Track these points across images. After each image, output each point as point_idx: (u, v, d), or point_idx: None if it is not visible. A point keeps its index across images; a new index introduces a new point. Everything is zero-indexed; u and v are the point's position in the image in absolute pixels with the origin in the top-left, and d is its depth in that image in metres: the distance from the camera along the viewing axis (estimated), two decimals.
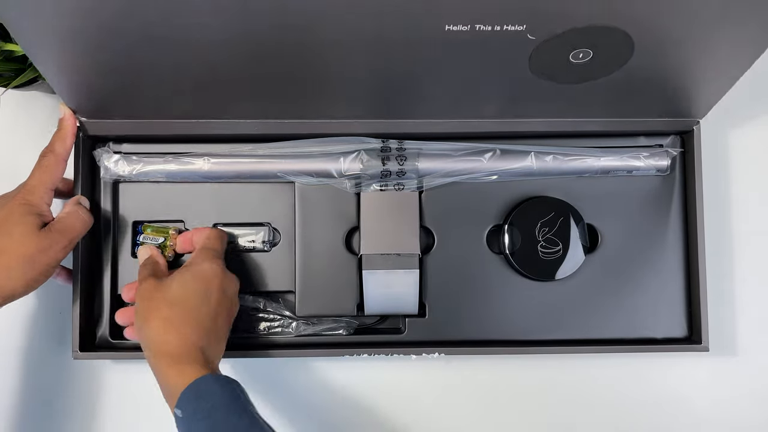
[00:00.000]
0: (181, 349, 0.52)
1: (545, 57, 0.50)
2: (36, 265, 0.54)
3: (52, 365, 0.66)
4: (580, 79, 0.54)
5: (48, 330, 0.67)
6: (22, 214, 0.54)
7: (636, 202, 0.65)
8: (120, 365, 0.67)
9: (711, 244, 0.65)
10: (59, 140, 0.58)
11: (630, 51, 0.50)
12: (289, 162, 0.62)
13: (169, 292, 0.55)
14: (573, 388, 0.68)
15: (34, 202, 0.56)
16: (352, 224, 0.64)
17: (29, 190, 0.56)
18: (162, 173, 0.62)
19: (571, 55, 0.50)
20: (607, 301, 0.65)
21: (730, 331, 0.68)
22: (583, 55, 0.50)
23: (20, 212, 0.55)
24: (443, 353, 0.63)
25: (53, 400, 0.66)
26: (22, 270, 0.53)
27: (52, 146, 0.58)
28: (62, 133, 0.58)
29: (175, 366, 0.51)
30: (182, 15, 0.45)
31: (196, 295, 0.55)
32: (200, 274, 0.56)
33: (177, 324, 0.53)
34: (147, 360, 0.54)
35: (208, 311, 0.54)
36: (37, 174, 0.57)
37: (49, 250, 0.55)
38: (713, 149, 0.68)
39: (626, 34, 0.48)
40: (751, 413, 0.68)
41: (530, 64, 0.51)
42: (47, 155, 0.58)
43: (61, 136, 0.58)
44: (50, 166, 0.57)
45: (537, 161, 0.62)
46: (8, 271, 0.53)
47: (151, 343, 0.53)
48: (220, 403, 0.49)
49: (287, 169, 0.62)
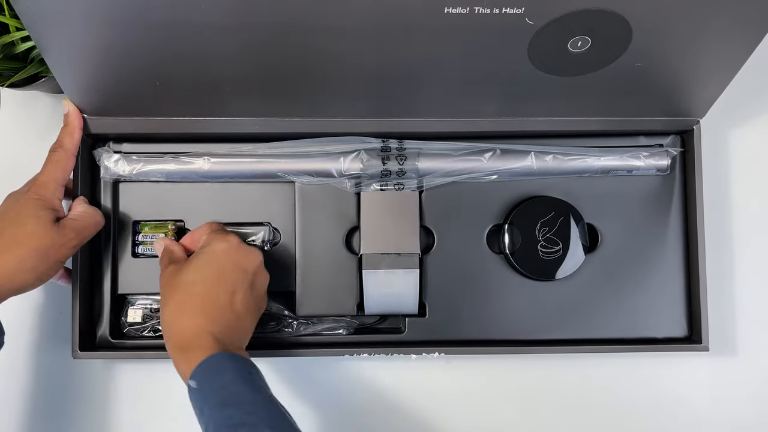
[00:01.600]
0: (191, 333, 0.52)
1: (544, 44, 0.50)
2: (48, 260, 0.54)
3: (52, 365, 0.66)
4: (579, 70, 0.54)
5: (48, 330, 0.67)
6: (36, 208, 0.54)
7: (636, 202, 0.65)
8: (120, 365, 0.67)
9: (711, 244, 0.65)
10: (67, 135, 0.58)
11: (628, 38, 0.50)
12: (288, 162, 0.62)
13: (183, 277, 0.55)
14: (573, 387, 0.68)
15: (47, 197, 0.56)
16: (352, 224, 0.64)
17: (41, 185, 0.56)
18: (162, 173, 0.62)
19: (569, 43, 0.50)
20: (607, 300, 0.65)
21: (731, 331, 0.68)
22: (581, 43, 0.50)
23: (34, 206, 0.55)
24: (443, 353, 0.63)
25: (53, 400, 0.66)
26: (35, 263, 0.53)
27: (61, 142, 0.58)
28: (69, 128, 0.58)
29: (184, 353, 0.51)
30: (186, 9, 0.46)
31: (207, 278, 0.54)
32: (212, 255, 0.56)
33: (189, 309, 0.53)
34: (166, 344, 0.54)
35: (221, 293, 0.54)
36: (49, 170, 0.57)
37: (61, 245, 0.55)
38: (713, 149, 0.68)
39: (624, 19, 0.48)
40: (751, 413, 0.68)
41: (529, 53, 0.51)
42: (57, 150, 0.58)
43: (69, 131, 0.58)
44: (61, 162, 0.57)
45: (537, 161, 0.62)
46: (21, 263, 0.53)
47: (166, 327, 0.54)
48: (233, 378, 0.49)
49: (287, 168, 0.62)
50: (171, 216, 0.64)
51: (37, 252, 0.53)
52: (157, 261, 0.60)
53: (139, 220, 0.64)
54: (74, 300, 0.61)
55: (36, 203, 0.55)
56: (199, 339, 0.52)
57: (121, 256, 0.64)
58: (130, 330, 0.63)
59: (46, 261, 0.54)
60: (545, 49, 0.51)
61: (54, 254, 0.54)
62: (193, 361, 0.50)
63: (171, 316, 0.54)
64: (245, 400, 0.48)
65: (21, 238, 0.53)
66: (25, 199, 0.55)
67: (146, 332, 0.63)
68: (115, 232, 0.64)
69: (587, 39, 0.50)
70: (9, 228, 0.54)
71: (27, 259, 0.53)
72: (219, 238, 0.57)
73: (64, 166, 0.57)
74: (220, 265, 0.55)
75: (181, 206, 0.64)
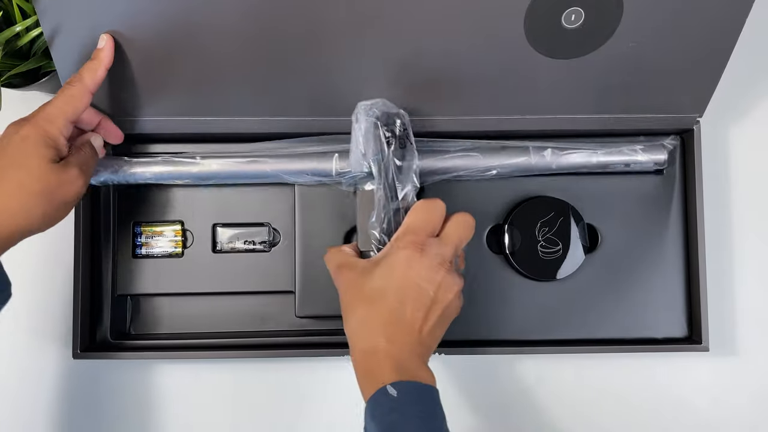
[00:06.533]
0: (371, 355, 0.49)
1: (539, 19, 0.51)
2: (53, 201, 0.51)
3: (53, 365, 0.66)
4: (575, 50, 0.55)
5: (48, 330, 0.67)
6: (37, 145, 0.50)
7: (636, 202, 0.65)
8: (120, 365, 0.67)
9: (711, 244, 0.65)
10: (89, 70, 0.53)
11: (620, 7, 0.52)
12: (284, 162, 0.61)
13: (364, 289, 0.51)
14: (573, 387, 0.68)
15: (51, 134, 0.51)
16: (351, 224, 0.63)
17: (48, 118, 0.51)
18: (152, 176, 0.61)
19: (563, 16, 0.52)
20: (607, 300, 0.65)
21: (731, 331, 0.68)
22: (575, 16, 0.52)
23: (35, 143, 0.50)
24: (443, 353, 0.63)
25: (53, 400, 0.66)
26: (40, 206, 0.50)
27: (81, 76, 0.53)
28: (94, 63, 0.53)
29: (365, 376, 0.49)
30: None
31: (388, 296, 0.50)
32: (398, 269, 0.50)
33: (369, 327, 0.49)
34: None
35: (406, 314, 0.50)
36: (60, 102, 0.52)
37: (67, 185, 0.51)
38: (713, 148, 0.68)
39: None
40: (751, 413, 0.68)
41: (525, 29, 0.52)
42: (74, 84, 0.53)
43: (93, 66, 0.53)
44: (75, 96, 0.52)
45: (535, 156, 0.62)
46: (26, 207, 0.50)
47: (349, 339, 0.51)
48: (406, 416, 0.46)
49: (283, 168, 0.61)
50: (170, 217, 0.64)
51: (41, 194, 0.50)
52: (157, 261, 0.61)
53: (139, 221, 0.64)
54: (74, 300, 0.61)
55: (38, 138, 0.50)
56: (379, 362, 0.48)
57: (121, 257, 0.64)
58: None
59: (51, 203, 0.51)
60: (540, 25, 0.52)
61: (60, 195, 0.51)
62: (368, 387, 0.48)
63: (351, 330, 0.51)
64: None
65: (23, 180, 0.50)
66: (26, 131, 0.50)
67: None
68: (115, 232, 0.64)
69: (580, 11, 0.51)
70: (9, 169, 0.50)
71: (32, 202, 0.50)
72: (409, 245, 0.51)
73: (77, 101, 0.52)
74: (404, 281, 0.50)
75: (181, 207, 0.64)
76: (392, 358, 0.48)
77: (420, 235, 0.52)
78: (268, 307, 0.65)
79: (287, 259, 0.64)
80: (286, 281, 0.64)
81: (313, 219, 0.63)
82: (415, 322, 0.50)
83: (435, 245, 0.52)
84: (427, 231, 0.52)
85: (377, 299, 0.50)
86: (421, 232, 0.52)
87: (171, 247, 0.64)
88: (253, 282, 0.64)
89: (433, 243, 0.52)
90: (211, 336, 0.64)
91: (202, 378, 0.67)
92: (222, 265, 0.64)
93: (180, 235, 0.64)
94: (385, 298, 0.50)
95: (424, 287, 0.50)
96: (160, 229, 0.64)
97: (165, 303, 0.65)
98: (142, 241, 0.64)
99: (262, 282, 0.64)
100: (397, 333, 0.49)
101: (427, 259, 0.51)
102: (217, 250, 0.65)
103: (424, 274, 0.50)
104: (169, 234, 0.64)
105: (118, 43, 0.54)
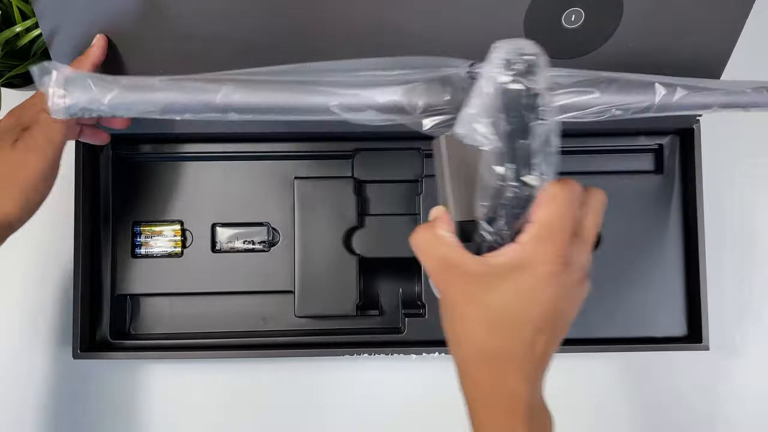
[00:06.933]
0: (494, 390, 0.41)
1: (539, 18, 0.51)
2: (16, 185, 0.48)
3: (53, 365, 0.66)
4: (576, 50, 0.55)
5: (48, 330, 0.67)
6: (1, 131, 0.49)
7: (636, 202, 0.65)
8: (120, 365, 0.67)
9: (711, 243, 0.65)
10: (76, 62, 0.51)
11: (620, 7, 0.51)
12: (342, 92, 0.43)
13: (488, 307, 0.40)
14: (573, 387, 0.68)
15: (22, 119, 0.50)
16: (351, 224, 0.63)
17: (25, 106, 0.51)
18: (153, 104, 0.43)
19: (563, 16, 0.51)
20: (606, 299, 0.65)
21: (731, 330, 0.68)
22: (575, 16, 0.51)
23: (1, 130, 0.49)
24: (443, 353, 0.63)
25: (53, 400, 0.66)
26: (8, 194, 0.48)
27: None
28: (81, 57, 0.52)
29: (484, 412, 0.42)
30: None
31: (523, 327, 0.39)
32: (541, 293, 0.39)
33: (497, 365, 0.40)
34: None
35: (539, 345, 0.40)
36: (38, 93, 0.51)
37: (24, 164, 0.48)
38: (713, 148, 0.68)
39: None
40: (751, 412, 0.68)
41: (525, 28, 0.52)
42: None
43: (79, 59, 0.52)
44: None
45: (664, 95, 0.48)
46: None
47: (458, 362, 0.43)
48: None
49: (341, 103, 0.43)
50: (170, 216, 0.64)
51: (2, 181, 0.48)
52: (156, 261, 0.60)
53: (138, 220, 0.64)
54: (74, 300, 0.61)
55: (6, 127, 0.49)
56: (502, 400, 0.41)
57: (121, 256, 0.64)
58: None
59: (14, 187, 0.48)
60: (540, 25, 0.52)
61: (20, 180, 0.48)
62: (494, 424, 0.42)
63: (465, 355, 0.42)
64: None
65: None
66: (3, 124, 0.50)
67: None
68: (115, 232, 0.64)
69: (580, 11, 0.51)
70: None
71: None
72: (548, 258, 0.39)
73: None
74: (555, 309, 0.40)
75: (181, 207, 0.64)
76: (528, 406, 0.41)
77: (562, 242, 0.39)
78: (268, 306, 0.65)
79: (287, 258, 0.64)
80: (285, 281, 0.64)
81: (312, 219, 0.63)
82: (547, 351, 0.41)
83: (577, 253, 0.40)
84: (570, 231, 0.39)
85: (507, 325, 0.40)
86: (563, 234, 0.39)
87: (170, 246, 0.64)
88: (252, 282, 0.64)
89: (576, 251, 0.40)
90: (210, 336, 0.64)
91: (201, 377, 0.67)
92: (221, 265, 0.64)
93: (179, 234, 0.64)
94: (519, 328, 0.40)
95: (569, 313, 0.41)
96: (160, 229, 0.64)
97: (165, 303, 0.65)
98: (141, 241, 0.64)
99: (261, 282, 0.64)
100: (531, 371, 0.41)
101: (573, 275, 0.40)
102: (217, 249, 0.65)
103: (572, 296, 0.40)
104: (168, 234, 0.64)
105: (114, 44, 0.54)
